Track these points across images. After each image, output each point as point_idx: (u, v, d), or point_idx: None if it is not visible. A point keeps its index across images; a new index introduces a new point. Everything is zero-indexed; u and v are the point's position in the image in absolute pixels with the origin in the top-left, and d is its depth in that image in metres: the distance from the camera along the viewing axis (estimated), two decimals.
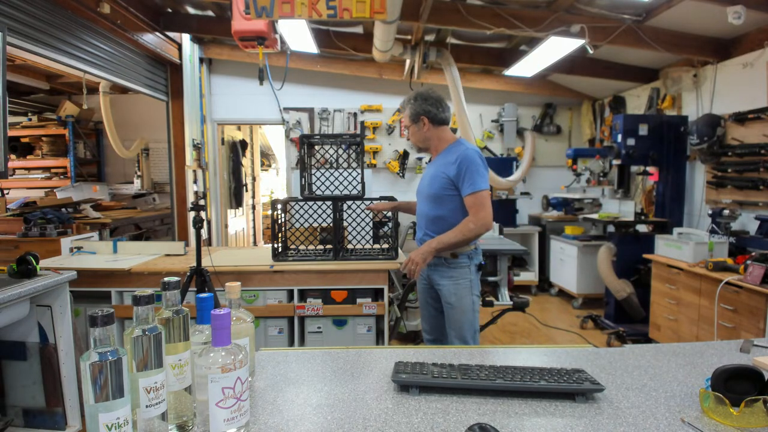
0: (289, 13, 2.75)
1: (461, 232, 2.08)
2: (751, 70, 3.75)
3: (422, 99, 2.21)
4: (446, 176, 2.15)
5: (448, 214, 2.17)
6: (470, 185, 2.09)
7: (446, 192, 2.16)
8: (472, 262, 2.22)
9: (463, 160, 2.10)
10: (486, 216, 2.09)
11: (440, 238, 2.11)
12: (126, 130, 5.81)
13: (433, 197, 2.21)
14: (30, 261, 2.09)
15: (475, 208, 2.09)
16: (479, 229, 2.08)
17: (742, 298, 2.85)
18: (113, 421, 0.74)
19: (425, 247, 2.11)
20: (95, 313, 0.74)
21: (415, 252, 2.13)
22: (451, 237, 2.09)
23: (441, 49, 4.74)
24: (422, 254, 2.09)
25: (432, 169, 2.27)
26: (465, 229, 2.08)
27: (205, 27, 4.93)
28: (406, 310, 3.90)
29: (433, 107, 2.21)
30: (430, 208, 2.23)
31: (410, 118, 2.23)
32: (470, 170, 2.09)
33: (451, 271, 2.21)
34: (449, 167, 2.14)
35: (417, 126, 2.23)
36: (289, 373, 1.16)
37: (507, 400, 1.01)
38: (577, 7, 3.84)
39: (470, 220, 2.09)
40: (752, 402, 0.90)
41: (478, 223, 2.08)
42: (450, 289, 2.21)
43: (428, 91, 2.25)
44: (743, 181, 3.72)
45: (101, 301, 2.79)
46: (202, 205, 2.47)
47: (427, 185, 2.26)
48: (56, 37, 3.33)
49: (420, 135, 2.24)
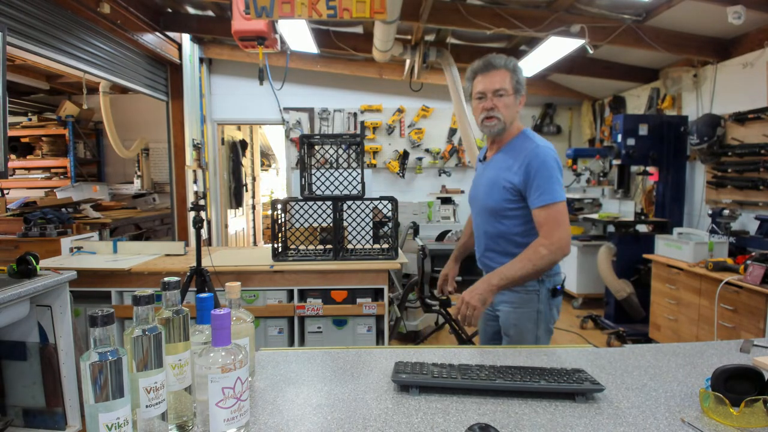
0: (289, 13, 2.75)
1: (531, 261, 1.58)
2: (751, 70, 3.75)
3: (522, 74, 1.72)
4: (509, 184, 1.67)
5: (513, 229, 1.72)
6: (542, 195, 1.61)
7: (509, 204, 1.69)
8: (542, 286, 1.71)
9: (533, 162, 1.63)
10: (563, 237, 1.59)
11: (503, 271, 1.60)
12: (126, 130, 5.81)
13: (493, 211, 1.74)
14: (30, 261, 2.09)
15: (548, 226, 1.60)
16: (554, 255, 1.59)
17: (742, 298, 2.85)
18: (113, 421, 0.74)
19: (483, 284, 1.58)
20: (95, 313, 0.74)
21: (470, 291, 1.57)
22: (517, 268, 1.58)
23: (441, 49, 4.74)
24: (480, 295, 1.57)
25: (491, 172, 1.77)
26: (536, 257, 1.58)
27: (205, 27, 4.93)
28: (406, 310, 3.91)
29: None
30: (490, 223, 1.77)
31: (515, 85, 1.69)
32: (542, 176, 1.61)
33: (512, 294, 1.72)
34: (513, 172, 1.67)
35: (516, 99, 1.71)
36: (289, 373, 1.16)
37: (507, 400, 1.01)
38: (577, 7, 3.84)
39: (542, 243, 1.59)
40: (752, 402, 0.90)
41: (552, 247, 1.57)
42: (509, 317, 1.75)
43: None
44: (743, 181, 3.72)
45: (101, 301, 2.79)
46: (202, 205, 2.47)
47: (483, 194, 1.78)
48: (56, 37, 3.33)
49: (513, 112, 1.71)
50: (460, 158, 6.10)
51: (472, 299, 1.55)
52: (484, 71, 1.69)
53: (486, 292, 1.57)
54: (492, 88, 1.67)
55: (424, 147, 6.05)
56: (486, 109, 1.68)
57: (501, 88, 1.66)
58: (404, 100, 5.96)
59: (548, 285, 1.72)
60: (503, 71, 1.67)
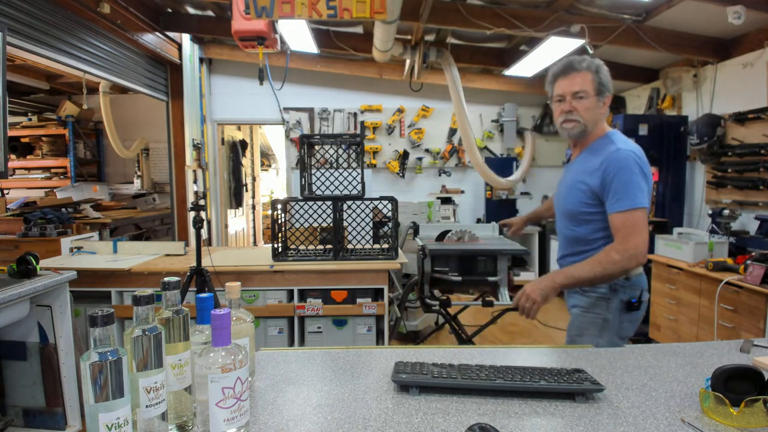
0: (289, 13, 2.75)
1: (600, 265, 1.54)
2: (751, 70, 3.75)
3: (607, 74, 1.65)
4: (586, 187, 1.62)
5: (591, 234, 1.66)
6: (620, 200, 1.54)
7: (586, 208, 1.64)
8: (615, 296, 1.63)
9: (612, 164, 1.56)
10: (638, 245, 1.51)
11: (571, 270, 1.58)
12: (126, 130, 5.81)
13: (570, 214, 1.71)
14: (30, 261, 2.09)
15: (624, 232, 1.53)
16: (626, 263, 1.52)
17: (742, 298, 2.85)
18: (113, 421, 0.74)
19: (547, 280, 1.57)
20: (95, 313, 0.74)
21: (533, 285, 1.57)
22: (585, 270, 1.55)
23: (441, 49, 4.74)
24: (542, 290, 1.54)
25: (570, 174, 1.74)
26: (606, 261, 1.53)
27: (205, 27, 4.93)
28: (406, 310, 3.91)
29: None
30: (568, 226, 1.74)
31: (597, 87, 1.62)
32: (621, 179, 1.54)
33: (582, 297, 1.69)
34: (592, 174, 1.61)
35: (599, 101, 1.63)
36: (289, 373, 1.16)
37: (507, 400, 1.01)
38: (577, 7, 3.84)
39: (615, 248, 1.53)
40: (752, 402, 0.90)
41: (625, 253, 1.51)
42: (575, 320, 1.71)
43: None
44: (743, 181, 3.72)
45: (101, 301, 2.79)
46: (202, 205, 2.47)
47: (563, 197, 1.76)
48: (56, 37, 3.33)
49: (595, 114, 1.64)
50: (460, 158, 6.10)
51: (534, 293, 1.54)
52: (564, 74, 1.65)
53: (548, 288, 1.54)
54: (571, 90, 1.62)
55: (424, 147, 6.05)
56: (564, 112, 1.65)
57: (581, 90, 1.61)
58: (404, 100, 5.96)
59: (622, 296, 1.63)
60: (584, 73, 1.61)
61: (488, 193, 5.71)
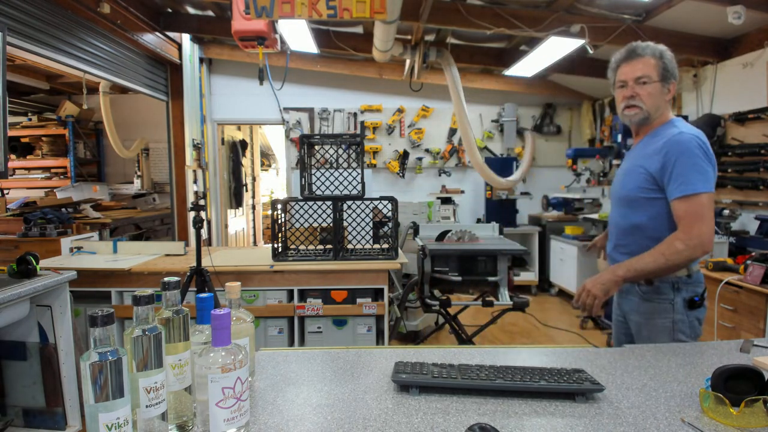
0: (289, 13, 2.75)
1: (663, 256, 1.45)
2: (751, 70, 3.76)
3: (672, 60, 1.59)
4: (645, 171, 1.55)
5: (647, 222, 1.57)
6: (682, 185, 1.46)
7: (644, 194, 1.56)
8: (678, 295, 1.56)
9: (674, 147, 1.49)
10: (704, 233, 1.44)
11: (632, 263, 1.50)
12: (126, 130, 5.81)
13: (626, 200, 1.63)
14: (30, 261, 2.09)
15: (688, 219, 1.45)
16: (692, 252, 1.44)
17: (742, 298, 2.85)
18: (113, 421, 0.74)
19: (608, 274, 1.51)
20: (95, 313, 0.74)
21: (593, 280, 1.52)
22: (648, 262, 1.47)
23: (441, 49, 4.74)
24: (603, 284, 1.49)
25: (629, 160, 1.68)
26: (669, 251, 1.45)
27: (205, 27, 4.93)
28: (406, 310, 3.91)
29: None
30: (623, 214, 1.65)
31: (661, 72, 1.55)
32: (683, 162, 1.47)
33: (644, 303, 1.60)
34: (651, 158, 1.54)
35: (664, 87, 1.57)
36: (289, 373, 1.16)
37: (507, 400, 1.01)
38: (577, 7, 3.84)
39: (679, 237, 1.45)
40: (752, 402, 0.90)
41: (690, 242, 1.43)
42: (641, 329, 1.62)
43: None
44: (743, 181, 3.72)
45: (101, 301, 2.79)
46: (202, 205, 2.47)
47: (619, 183, 1.69)
48: (56, 37, 3.33)
49: (659, 100, 1.57)
50: (460, 158, 6.10)
51: (594, 288, 1.49)
52: (627, 59, 1.60)
53: (610, 282, 1.49)
54: (633, 75, 1.57)
55: (424, 147, 6.05)
56: (626, 98, 1.59)
57: (644, 76, 1.55)
58: (404, 100, 5.96)
59: (685, 294, 1.56)
60: (647, 58, 1.56)
61: (488, 193, 5.71)
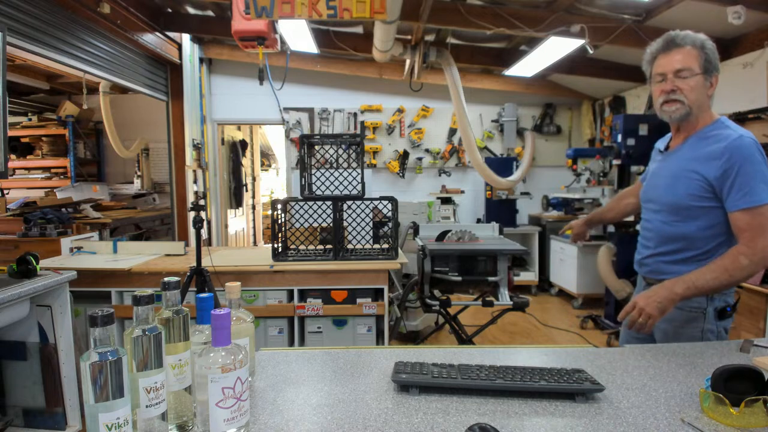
0: (289, 13, 2.75)
1: (728, 272, 1.35)
2: (751, 70, 3.75)
3: (715, 51, 1.45)
4: (700, 177, 1.42)
5: (697, 233, 1.46)
6: (747, 195, 1.35)
7: (697, 202, 1.43)
8: (711, 305, 1.47)
9: (736, 153, 1.36)
10: (767, 247, 1.34)
11: (691, 279, 1.37)
12: (126, 130, 5.81)
13: (676, 207, 1.49)
14: (30, 261, 2.09)
15: (753, 232, 1.35)
16: (755, 267, 1.36)
17: (742, 298, 2.85)
18: (113, 421, 0.74)
19: (665, 291, 1.38)
20: (95, 313, 0.74)
21: (645, 296, 1.39)
22: (709, 279, 1.36)
23: (441, 49, 4.74)
24: (659, 303, 1.36)
25: (674, 162, 1.52)
26: (734, 267, 1.35)
27: (205, 27, 4.94)
28: (406, 310, 3.91)
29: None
30: (668, 221, 1.51)
31: (703, 64, 1.43)
32: (747, 171, 1.35)
33: (675, 311, 1.45)
34: (708, 163, 1.41)
35: (707, 80, 1.44)
36: (289, 373, 1.16)
37: (507, 400, 1.01)
38: (577, 7, 3.84)
39: (742, 252, 1.35)
40: (752, 402, 0.90)
41: (755, 257, 1.34)
42: (668, 337, 1.53)
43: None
44: None
45: (101, 301, 2.79)
46: (202, 205, 2.47)
47: (664, 187, 1.54)
48: (56, 37, 3.33)
49: (700, 94, 1.44)
50: (460, 158, 6.10)
51: (649, 306, 1.36)
52: (665, 50, 1.46)
53: (666, 300, 1.36)
54: (672, 68, 1.43)
55: (424, 147, 6.05)
56: (665, 92, 1.46)
57: (684, 68, 1.42)
58: (404, 100, 5.96)
59: (717, 304, 1.47)
60: (688, 48, 1.42)
61: (488, 193, 5.71)
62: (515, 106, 6.00)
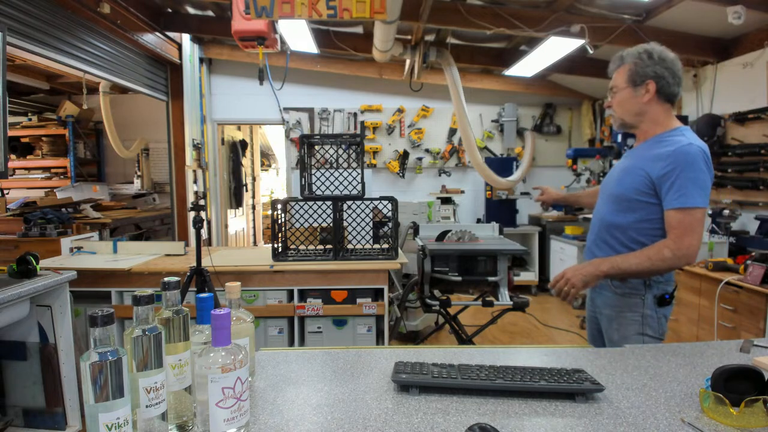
0: (289, 13, 2.75)
1: (650, 260, 1.50)
2: (751, 70, 3.75)
3: (658, 58, 1.57)
4: (646, 174, 1.55)
5: (634, 224, 1.59)
6: (682, 196, 1.47)
7: (640, 196, 1.56)
8: (649, 292, 1.60)
9: (680, 157, 1.48)
10: (692, 245, 1.48)
11: (617, 260, 1.53)
12: (126, 130, 5.81)
13: (619, 198, 1.63)
14: (30, 261, 2.09)
15: (680, 230, 1.48)
16: (677, 262, 1.50)
17: (742, 298, 2.85)
18: (113, 421, 0.74)
19: (591, 267, 1.54)
20: (95, 313, 0.74)
21: (573, 269, 1.55)
22: (632, 262, 1.51)
23: (441, 49, 4.74)
24: (583, 276, 1.52)
25: (627, 161, 1.68)
26: (657, 257, 1.49)
27: (205, 27, 4.93)
28: (406, 310, 3.91)
29: (668, 74, 1.57)
30: (611, 211, 1.65)
31: (629, 77, 1.58)
32: (686, 175, 1.47)
33: (617, 298, 1.63)
34: (655, 163, 1.53)
35: (635, 92, 1.58)
36: (289, 373, 1.16)
37: (507, 400, 1.01)
38: (577, 7, 3.84)
39: (668, 245, 1.49)
40: (752, 402, 0.90)
41: (678, 252, 1.47)
42: (611, 322, 1.66)
43: (665, 50, 1.60)
44: (743, 181, 3.72)
45: (101, 301, 2.79)
46: (202, 205, 2.47)
47: (614, 181, 1.69)
48: (56, 37, 3.33)
49: (633, 105, 1.59)
50: (460, 158, 6.10)
51: (574, 277, 1.52)
52: (613, 70, 1.68)
53: (590, 275, 1.52)
54: (609, 86, 1.68)
55: (424, 147, 6.05)
56: (607, 107, 1.71)
57: (613, 86, 1.65)
58: (404, 100, 5.96)
59: (655, 291, 1.60)
60: (622, 67, 1.62)
61: (488, 193, 5.71)
62: (515, 106, 6.00)
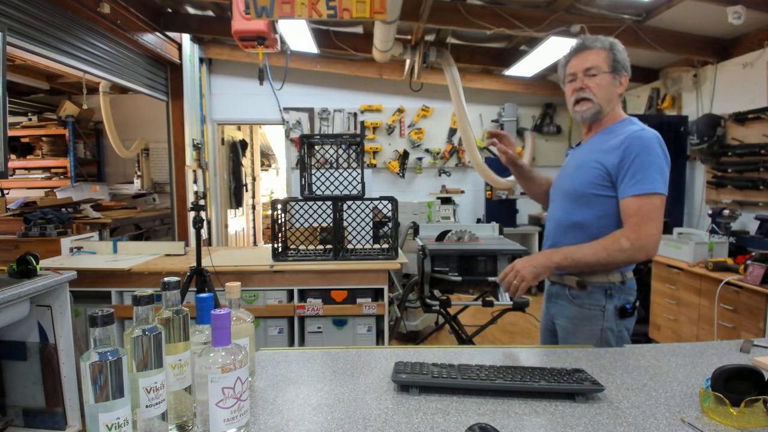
0: (289, 13, 2.75)
1: (606, 250, 1.38)
2: (751, 70, 3.75)
3: (625, 55, 1.50)
4: (600, 166, 1.45)
5: (593, 221, 1.47)
6: (639, 182, 1.37)
7: (595, 190, 1.46)
8: (610, 302, 1.47)
9: (635, 142, 1.39)
10: (651, 235, 1.36)
11: (570, 250, 1.42)
12: (126, 130, 5.81)
13: (574, 195, 1.51)
14: (30, 261, 2.09)
15: (638, 218, 1.37)
16: (635, 253, 1.37)
17: (742, 298, 2.85)
18: (113, 421, 0.74)
19: (542, 257, 1.42)
20: (95, 313, 0.74)
21: (524, 260, 1.42)
22: (587, 253, 1.40)
23: (441, 49, 4.74)
24: (535, 267, 1.39)
25: (580, 155, 1.56)
26: (613, 247, 1.37)
27: (205, 27, 4.93)
28: (406, 310, 3.91)
29: (628, 73, 1.51)
30: (567, 210, 1.54)
31: (612, 65, 1.47)
32: (642, 160, 1.37)
33: (574, 308, 1.51)
34: (608, 153, 1.44)
35: (615, 79, 1.48)
36: (289, 373, 1.16)
37: (507, 400, 1.01)
38: (577, 7, 3.84)
39: (625, 234, 1.37)
40: (752, 402, 0.90)
41: (637, 242, 1.36)
42: (568, 335, 1.53)
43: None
44: (743, 181, 3.72)
45: (101, 301, 2.79)
46: (202, 205, 2.47)
47: (567, 177, 1.57)
48: (56, 37, 3.33)
49: (610, 92, 1.49)
50: (460, 158, 6.10)
51: (525, 269, 1.38)
52: (577, 52, 1.52)
53: (542, 266, 1.39)
54: (582, 67, 1.48)
55: (424, 147, 6.05)
56: (575, 90, 1.51)
57: (593, 67, 1.47)
58: (404, 100, 5.96)
59: (617, 302, 1.48)
60: (597, 50, 1.48)
61: (488, 193, 5.71)
62: (515, 106, 6.00)
